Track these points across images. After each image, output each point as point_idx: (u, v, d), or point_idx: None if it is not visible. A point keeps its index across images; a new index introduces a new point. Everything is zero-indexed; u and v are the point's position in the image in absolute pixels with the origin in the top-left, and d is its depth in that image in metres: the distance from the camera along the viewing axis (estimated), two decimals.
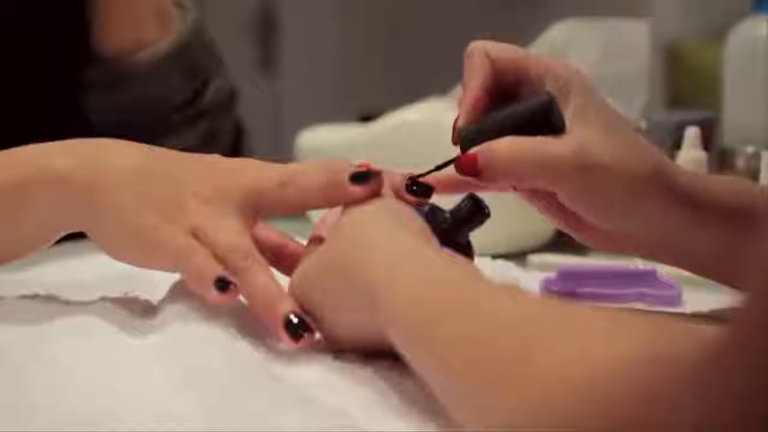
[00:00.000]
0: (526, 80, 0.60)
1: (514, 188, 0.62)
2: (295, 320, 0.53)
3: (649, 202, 0.58)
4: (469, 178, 0.58)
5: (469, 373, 0.39)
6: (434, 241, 0.53)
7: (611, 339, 0.36)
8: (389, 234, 0.52)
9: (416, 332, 0.44)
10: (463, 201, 0.62)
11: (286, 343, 0.53)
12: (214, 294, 0.53)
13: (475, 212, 0.61)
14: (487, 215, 0.61)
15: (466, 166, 0.58)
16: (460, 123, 0.60)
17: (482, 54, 0.60)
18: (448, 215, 0.61)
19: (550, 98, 0.58)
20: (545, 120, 0.58)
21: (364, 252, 0.51)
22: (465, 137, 0.60)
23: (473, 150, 0.58)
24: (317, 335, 0.54)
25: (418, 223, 0.54)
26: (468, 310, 0.42)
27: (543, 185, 0.59)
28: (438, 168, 0.60)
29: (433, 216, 0.59)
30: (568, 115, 0.58)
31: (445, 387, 0.42)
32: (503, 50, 0.60)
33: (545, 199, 0.62)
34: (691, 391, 0.30)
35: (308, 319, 0.53)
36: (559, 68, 0.59)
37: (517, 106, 0.59)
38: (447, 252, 0.52)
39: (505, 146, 0.57)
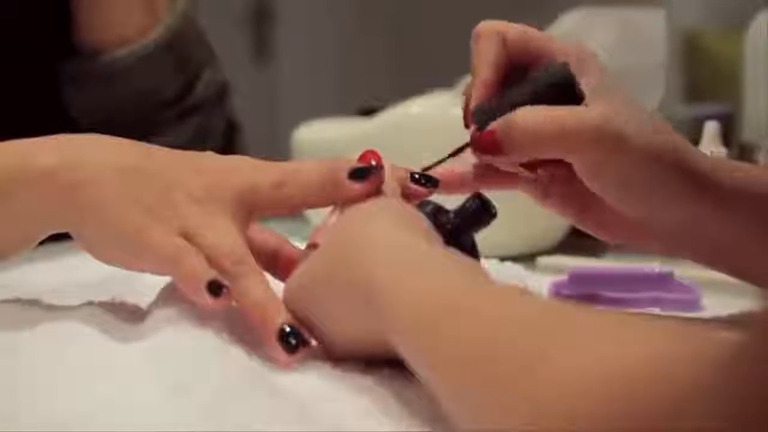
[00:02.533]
0: (540, 62, 0.60)
1: (530, 166, 0.61)
2: (290, 332, 0.53)
3: (668, 183, 0.57)
4: (487, 156, 0.58)
5: (474, 376, 0.39)
6: (438, 240, 0.53)
7: (625, 339, 0.36)
8: (390, 232, 0.51)
9: (419, 335, 0.44)
10: (468, 200, 0.61)
11: (280, 356, 0.52)
12: (206, 298, 0.53)
13: (481, 212, 0.61)
14: (494, 215, 0.61)
15: (485, 143, 0.58)
16: (473, 105, 0.60)
17: (494, 35, 0.60)
18: (452, 215, 0.61)
19: (566, 67, 0.57)
20: (564, 89, 0.56)
21: (363, 250, 0.51)
22: (479, 116, 0.59)
23: (491, 126, 0.58)
24: (314, 343, 0.54)
25: (421, 222, 0.54)
26: (472, 311, 0.42)
27: (563, 154, 0.58)
28: (451, 155, 0.59)
29: (437, 216, 0.59)
30: (586, 93, 0.57)
31: (449, 390, 0.42)
32: (520, 32, 0.60)
33: (560, 187, 0.62)
34: (715, 392, 0.30)
35: (304, 332, 0.53)
36: (575, 49, 0.59)
37: (534, 78, 0.58)
38: (451, 252, 0.52)
39: (523, 115, 0.57)
